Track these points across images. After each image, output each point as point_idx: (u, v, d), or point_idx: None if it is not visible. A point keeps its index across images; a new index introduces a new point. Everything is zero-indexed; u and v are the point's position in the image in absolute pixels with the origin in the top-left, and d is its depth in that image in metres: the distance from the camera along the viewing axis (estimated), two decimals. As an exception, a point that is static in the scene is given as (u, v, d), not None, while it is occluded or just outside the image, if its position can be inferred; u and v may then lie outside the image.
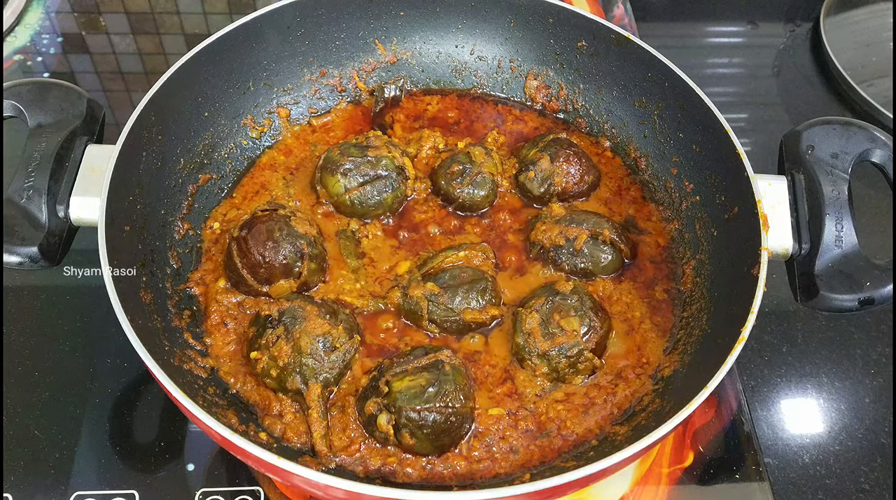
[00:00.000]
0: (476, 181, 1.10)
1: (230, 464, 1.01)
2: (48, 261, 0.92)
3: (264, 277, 0.98)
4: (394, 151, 1.10)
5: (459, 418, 0.88)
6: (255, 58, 1.16)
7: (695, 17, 1.79)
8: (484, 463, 0.90)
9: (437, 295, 0.98)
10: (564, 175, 1.11)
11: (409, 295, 0.99)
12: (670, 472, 1.04)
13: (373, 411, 0.88)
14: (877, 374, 1.17)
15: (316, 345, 0.91)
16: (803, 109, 1.56)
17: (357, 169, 1.07)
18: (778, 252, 0.96)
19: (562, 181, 1.11)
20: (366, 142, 1.10)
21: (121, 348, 1.09)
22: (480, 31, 1.27)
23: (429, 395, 0.87)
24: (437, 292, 0.98)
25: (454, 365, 0.91)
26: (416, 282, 1.00)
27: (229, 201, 1.12)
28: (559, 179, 1.11)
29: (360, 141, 1.11)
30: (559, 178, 1.11)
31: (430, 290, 0.98)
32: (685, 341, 0.99)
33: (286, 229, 0.98)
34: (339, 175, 1.07)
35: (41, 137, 0.95)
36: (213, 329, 0.98)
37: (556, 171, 1.11)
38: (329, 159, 1.09)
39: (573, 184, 1.12)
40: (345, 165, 1.07)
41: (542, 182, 1.11)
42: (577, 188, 1.12)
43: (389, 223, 1.10)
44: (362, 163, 1.07)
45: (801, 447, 1.10)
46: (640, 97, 1.17)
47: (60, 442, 1.02)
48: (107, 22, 1.60)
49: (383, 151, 1.09)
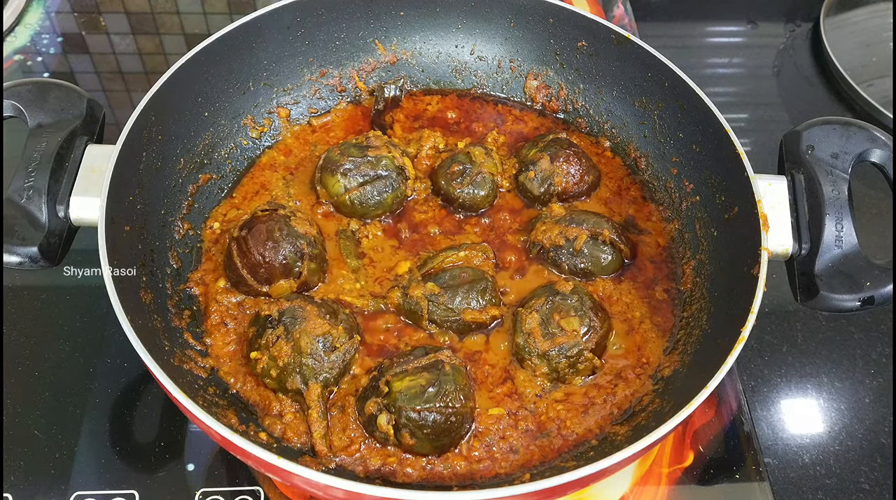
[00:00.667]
0: (476, 181, 1.10)
1: (230, 464, 1.01)
2: (48, 261, 0.92)
3: (264, 277, 0.98)
4: (394, 151, 1.10)
5: (459, 418, 0.88)
6: (255, 58, 1.16)
7: (695, 17, 1.79)
8: (484, 463, 0.90)
9: (437, 295, 0.98)
10: (564, 175, 1.11)
11: (409, 295, 0.99)
12: (670, 472, 1.04)
13: (373, 411, 0.88)
14: (877, 374, 1.17)
15: (316, 345, 0.91)
16: (803, 109, 1.56)
17: (357, 169, 1.07)
18: (778, 252, 0.96)
19: (562, 181, 1.11)
20: (366, 142, 1.10)
21: (121, 348, 1.10)
22: (480, 31, 1.27)
23: (429, 395, 0.87)
24: (438, 292, 0.98)
25: (454, 365, 0.91)
26: (416, 282, 1.00)
27: (229, 201, 1.12)
28: (559, 179, 1.11)
29: (360, 141, 1.11)
30: (559, 178, 1.11)
31: (430, 290, 0.98)
32: (685, 341, 0.99)
33: (286, 229, 0.98)
34: (339, 175, 1.07)
35: (41, 137, 0.95)
36: (213, 329, 0.98)
37: (556, 171, 1.11)
38: (329, 159, 1.09)
39: (573, 184, 1.12)
40: (345, 165, 1.07)
41: (542, 182, 1.11)
42: (577, 188, 1.12)
43: (389, 223, 1.10)
44: (362, 163, 1.07)
45: (801, 447, 1.10)
46: (640, 97, 1.17)
47: (60, 442, 1.02)
48: (107, 22, 1.60)
49: (383, 151, 1.09)
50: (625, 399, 0.96)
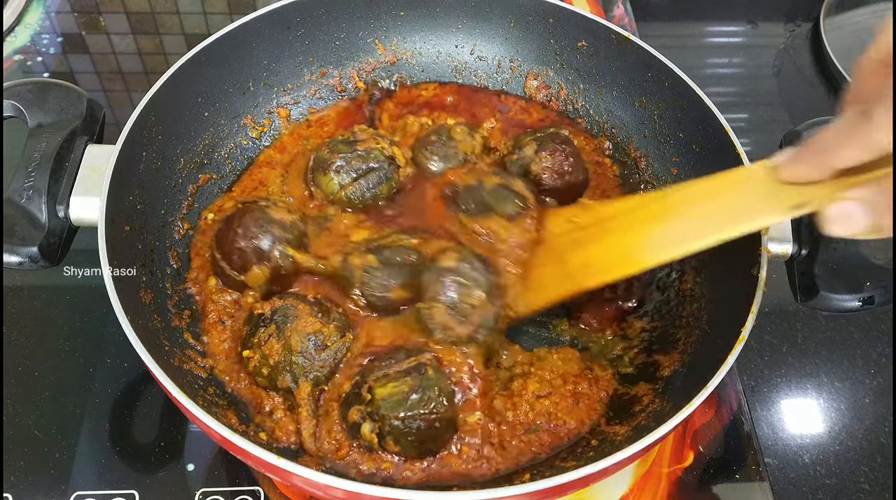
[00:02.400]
0: (446, 155, 1.10)
1: (230, 464, 1.01)
2: (48, 261, 0.92)
3: (239, 264, 0.97)
4: (382, 142, 1.09)
5: (444, 422, 0.87)
6: (255, 58, 1.16)
7: (695, 17, 1.79)
8: (478, 462, 0.89)
9: (374, 268, 0.96)
10: (543, 167, 1.09)
11: (347, 261, 0.98)
12: (670, 472, 1.04)
13: (356, 419, 0.87)
14: (877, 374, 1.17)
15: (306, 343, 0.91)
16: (803, 109, 1.56)
17: (348, 164, 1.06)
18: (778, 252, 0.96)
19: (538, 170, 1.09)
20: (352, 136, 1.10)
21: (121, 348, 1.10)
22: (480, 31, 1.27)
23: (412, 402, 0.85)
24: (376, 266, 0.96)
25: (436, 368, 0.90)
26: (360, 252, 0.99)
27: (228, 195, 1.12)
28: (536, 167, 1.09)
29: (346, 136, 1.10)
30: (536, 166, 1.09)
31: (369, 262, 0.97)
32: (685, 341, 0.99)
33: (259, 215, 0.98)
34: (331, 173, 1.06)
35: (41, 137, 0.95)
36: (210, 327, 0.98)
37: (536, 159, 1.09)
38: (319, 159, 1.08)
39: (549, 177, 1.09)
40: (336, 163, 1.06)
41: (520, 168, 1.10)
42: (552, 182, 1.09)
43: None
44: (353, 158, 1.07)
45: (801, 447, 1.10)
46: (640, 97, 1.17)
47: (60, 442, 1.02)
48: (107, 22, 1.60)
49: (371, 143, 1.08)
50: (607, 384, 0.97)
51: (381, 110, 1.24)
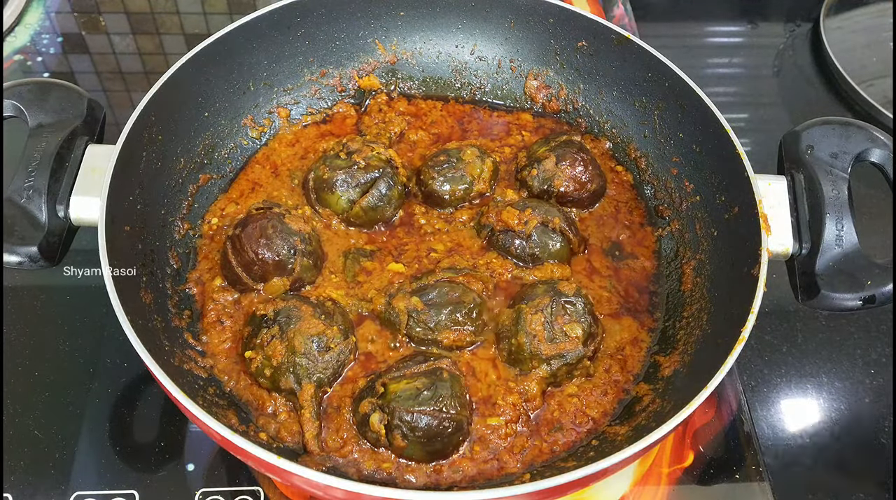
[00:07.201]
0: (453, 177, 1.10)
1: (230, 464, 1.01)
2: (48, 261, 0.92)
3: (258, 274, 0.98)
4: (376, 148, 1.09)
5: (453, 425, 0.87)
6: (255, 58, 1.16)
7: (695, 17, 1.79)
8: (488, 464, 0.89)
9: (419, 312, 0.96)
10: (566, 179, 1.10)
11: (392, 305, 0.97)
12: (670, 472, 1.04)
13: (367, 410, 0.88)
14: (877, 374, 1.17)
15: (310, 345, 0.91)
16: (803, 109, 1.56)
17: (352, 178, 1.06)
18: (778, 252, 0.96)
19: (562, 184, 1.10)
20: (344, 149, 1.08)
21: (121, 348, 1.10)
22: (480, 31, 1.27)
23: (424, 397, 0.86)
24: (421, 309, 0.96)
25: (453, 374, 0.90)
26: (404, 293, 0.98)
27: (226, 197, 1.12)
28: (560, 181, 1.10)
29: (337, 150, 1.09)
30: (560, 180, 1.10)
31: (414, 304, 0.96)
32: (685, 341, 0.99)
33: (280, 227, 0.98)
34: (338, 191, 1.06)
35: (41, 137, 0.95)
36: (209, 327, 0.98)
37: (559, 173, 1.10)
38: (320, 180, 1.07)
39: (573, 190, 1.10)
40: (339, 179, 1.05)
41: (543, 181, 1.11)
42: (576, 194, 1.11)
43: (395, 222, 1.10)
44: (354, 171, 1.06)
45: (801, 447, 1.10)
46: (640, 97, 1.17)
47: (60, 442, 1.02)
48: (107, 22, 1.60)
49: (367, 151, 1.08)
50: (618, 395, 0.96)
51: (374, 101, 1.25)
